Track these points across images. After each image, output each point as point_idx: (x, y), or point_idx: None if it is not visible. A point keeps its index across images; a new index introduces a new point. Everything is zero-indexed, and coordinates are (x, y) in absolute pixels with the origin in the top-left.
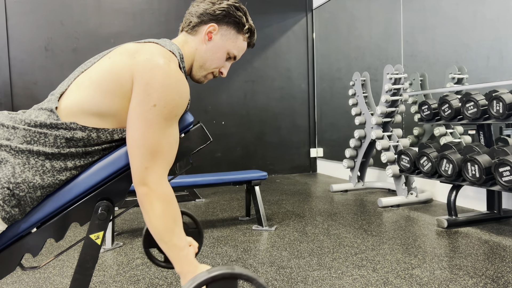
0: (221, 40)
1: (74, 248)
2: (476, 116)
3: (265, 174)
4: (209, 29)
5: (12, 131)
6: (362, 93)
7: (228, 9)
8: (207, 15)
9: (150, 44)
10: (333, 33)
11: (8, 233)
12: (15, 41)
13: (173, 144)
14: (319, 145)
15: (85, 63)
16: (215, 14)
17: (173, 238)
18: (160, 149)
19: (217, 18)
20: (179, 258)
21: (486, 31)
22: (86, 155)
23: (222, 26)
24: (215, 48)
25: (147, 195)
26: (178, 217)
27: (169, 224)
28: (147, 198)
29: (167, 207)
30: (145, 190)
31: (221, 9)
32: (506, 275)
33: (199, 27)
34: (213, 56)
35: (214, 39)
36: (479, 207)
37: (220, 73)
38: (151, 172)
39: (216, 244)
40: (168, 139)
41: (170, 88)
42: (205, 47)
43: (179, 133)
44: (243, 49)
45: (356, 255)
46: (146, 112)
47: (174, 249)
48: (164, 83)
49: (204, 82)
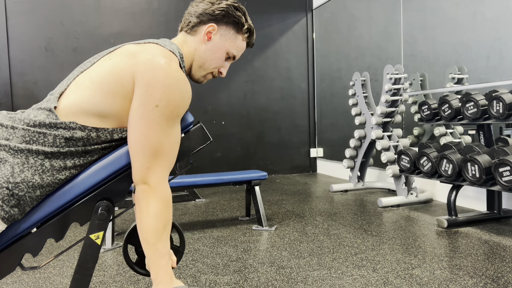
0: (220, 40)
1: (74, 248)
2: (476, 116)
3: (265, 174)
4: (208, 29)
5: (11, 130)
6: (362, 93)
7: (227, 9)
8: (206, 15)
9: (150, 44)
10: (333, 33)
11: (8, 233)
12: (15, 41)
13: (174, 144)
14: (319, 145)
15: (85, 63)
16: (214, 14)
17: (158, 242)
18: (162, 150)
19: (216, 18)
20: (158, 265)
21: (486, 31)
22: (86, 154)
23: (221, 26)
24: (214, 48)
25: (145, 193)
26: (169, 224)
27: (159, 227)
28: (145, 195)
29: (163, 209)
30: (145, 188)
31: (220, 9)
32: (506, 275)
33: (198, 27)
34: (212, 56)
35: (213, 39)
36: (479, 207)
37: (219, 73)
38: (153, 172)
39: (216, 244)
40: (170, 139)
41: (171, 88)
42: (205, 47)
43: (179, 133)
44: (242, 49)
45: (356, 255)
46: (148, 112)
47: (155, 253)
48: (166, 83)
49: (204, 82)
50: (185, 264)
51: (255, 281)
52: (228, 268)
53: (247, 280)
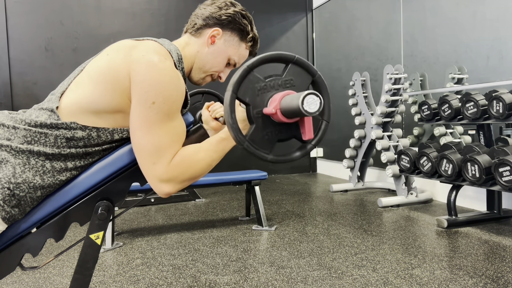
0: (224, 45)
1: (74, 248)
2: (476, 116)
3: (265, 174)
4: (213, 33)
5: (13, 131)
6: (362, 93)
7: (235, 15)
8: (212, 19)
9: (147, 41)
10: (333, 33)
11: (8, 233)
12: (15, 41)
13: (178, 137)
14: (319, 145)
15: (85, 62)
16: (221, 19)
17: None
18: (164, 145)
19: (222, 23)
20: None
21: (486, 31)
22: (86, 156)
23: (226, 32)
24: (216, 52)
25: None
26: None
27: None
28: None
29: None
30: (170, 185)
31: (228, 15)
32: (506, 275)
33: (203, 30)
34: (213, 60)
35: (217, 43)
36: (479, 207)
37: (218, 77)
38: (160, 165)
39: (216, 244)
40: (172, 133)
41: (166, 84)
42: (207, 50)
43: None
44: (244, 57)
45: (356, 255)
46: (146, 110)
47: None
48: (160, 80)
49: (203, 84)
50: (185, 264)
51: (255, 281)
52: (228, 268)
53: (247, 280)
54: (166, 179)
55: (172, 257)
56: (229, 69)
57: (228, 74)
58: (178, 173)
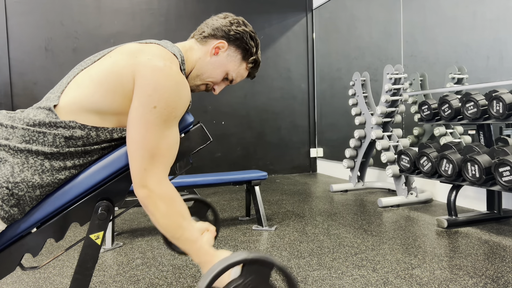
0: (226, 59)
1: (74, 248)
2: (476, 116)
3: (265, 174)
4: (218, 44)
5: (11, 130)
6: (362, 93)
7: (243, 34)
8: (221, 31)
9: (152, 45)
10: (333, 33)
11: (8, 233)
12: (15, 41)
13: (172, 146)
14: (319, 145)
15: (85, 61)
16: (229, 34)
17: (184, 233)
18: (159, 151)
19: (230, 38)
20: (194, 251)
21: (486, 31)
22: (85, 155)
23: (231, 47)
24: (217, 63)
25: (149, 197)
26: (185, 211)
27: (177, 221)
28: (150, 200)
29: (171, 206)
30: (146, 192)
31: (237, 32)
32: (506, 275)
33: (209, 39)
34: (212, 70)
35: (220, 55)
36: (479, 207)
37: (213, 89)
38: (150, 173)
39: (216, 244)
40: (167, 140)
41: (170, 90)
42: (209, 59)
43: (179, 134)
44: (242, 76)
45: (356, 255)
46: (146, 113)
47: (187, 243)
48: (165, 85)
49: (196, 91)
50: (185, 264)
51: None
52: None
53: None
54: (151, 189)
55: (172, 257)
56: (225, 84)
57: (222, 88)
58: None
